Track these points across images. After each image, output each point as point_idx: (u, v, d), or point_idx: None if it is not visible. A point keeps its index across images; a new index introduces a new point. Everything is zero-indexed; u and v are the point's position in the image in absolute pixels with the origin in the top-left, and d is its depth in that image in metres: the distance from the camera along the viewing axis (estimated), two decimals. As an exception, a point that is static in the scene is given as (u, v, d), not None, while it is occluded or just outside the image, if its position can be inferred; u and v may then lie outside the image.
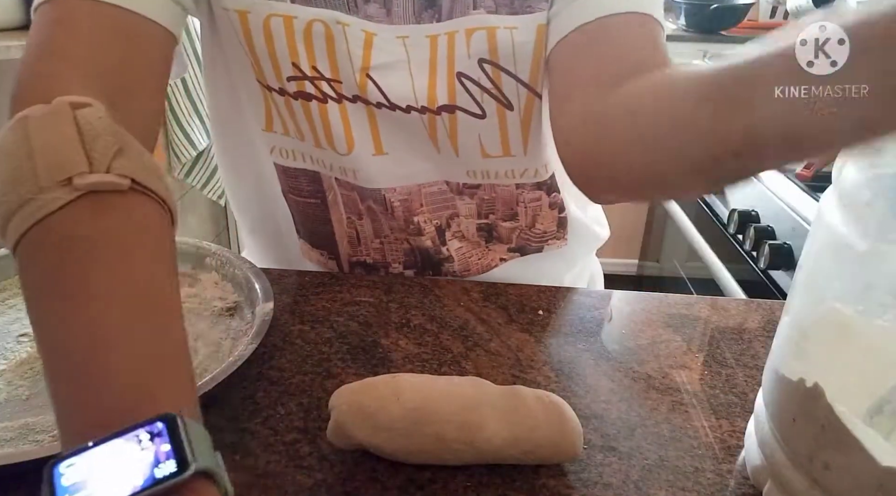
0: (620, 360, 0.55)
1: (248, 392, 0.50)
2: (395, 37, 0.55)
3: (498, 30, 0.54)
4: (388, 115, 0.58)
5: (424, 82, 0.57)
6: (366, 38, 0.54)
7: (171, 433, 0.28)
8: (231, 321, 0.56)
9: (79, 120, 0.36)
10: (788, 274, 1.20)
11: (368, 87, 0.56)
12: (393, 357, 0.54)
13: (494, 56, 0.55)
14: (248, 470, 0.43)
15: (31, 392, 0.48)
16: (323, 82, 0.56)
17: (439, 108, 0.58)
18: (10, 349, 0.52)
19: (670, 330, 0.60)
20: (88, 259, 0.34)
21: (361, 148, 0.60)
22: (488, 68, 0.56)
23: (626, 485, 0.43)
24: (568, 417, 0.43)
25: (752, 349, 0.58)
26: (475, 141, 0.60)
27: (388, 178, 0.62)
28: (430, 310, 0.61)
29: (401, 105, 0.57)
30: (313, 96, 0.57)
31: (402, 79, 0.56)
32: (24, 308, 0.32)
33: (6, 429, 0.43)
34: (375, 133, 0.60)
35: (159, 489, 0.27)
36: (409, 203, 0.64)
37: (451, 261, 0.68)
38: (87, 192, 0.34)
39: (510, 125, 0.59)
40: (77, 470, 0.27)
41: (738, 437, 0.47)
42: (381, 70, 0.56)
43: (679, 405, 0.51)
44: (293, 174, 0.65)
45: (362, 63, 0.55)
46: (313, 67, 0.56)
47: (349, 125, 0.59)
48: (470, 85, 0.57)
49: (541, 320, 0.61)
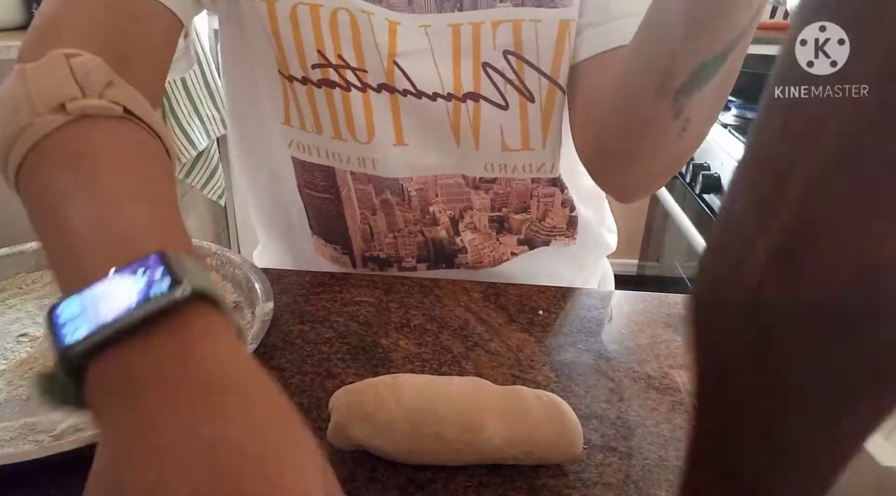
0: (620, 360, 0.55)
1: (248, 392, 0.50)
2: (417, 25, 0.56)
3: (523, 23, 0.56)
4: (412, 105, 0.59)
5: (449, 70, 0.58)
6: (389, 27, 0.56)
7: (167, 263, 0.28)
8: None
9: (71, 63, 0.38)
10: (788, 274, 1.20)
11: (396, 74, 0.58)
12: (393, 357, 0.54)
13: (519, 48, 0.57)
14: (248, 470, 0.43)
15: (31, 392, 0.48)
16: (347, 71, 0.58)
17: (465, 96, 0.59)
18: (10, 349, 0.52)
19: (670, 330, 0.60)
20: (87, 166, 0.34)
21: (382, 137, 0.61)
22: (513, 60, 0.58)
23: (626, 485, 0.43)
24: (568, 417, 0.43)
25: (752, 349, 0.58)
26: (496, 133, 0.61)
27: (406, 168, 0.63)
28: (430, 310, 0.61)
29: (427, 92, 0.59)
30: (337, 84, 0.58)
31: (427, 66, 0.58)
32: (24, 308, 0.33)
33: (6, 429, 0.43)
34: (397, 123, 0.61)
35: (154, 307, 0.26)
36: (426, 193, 0.65)
37: (464, 251, 0.69)
38: (80, 117, 0.36)
39: (531, 117, 0.61)
40: (75, 307, 0.26)
41: (738, 437, 0.47)
42: (407, 57, 0.57)
43: (679, 405, 0.51)
44: (309, 168, 0.65)
45: (388, 50, 0.57)
46: (339, 55, 0.57)
47: (371, 114, 0.60)
48: (495, 75, 0.58)
49: (541, 320, 0.61)
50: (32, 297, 0.59)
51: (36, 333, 0.53)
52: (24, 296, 0.59)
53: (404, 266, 0.70)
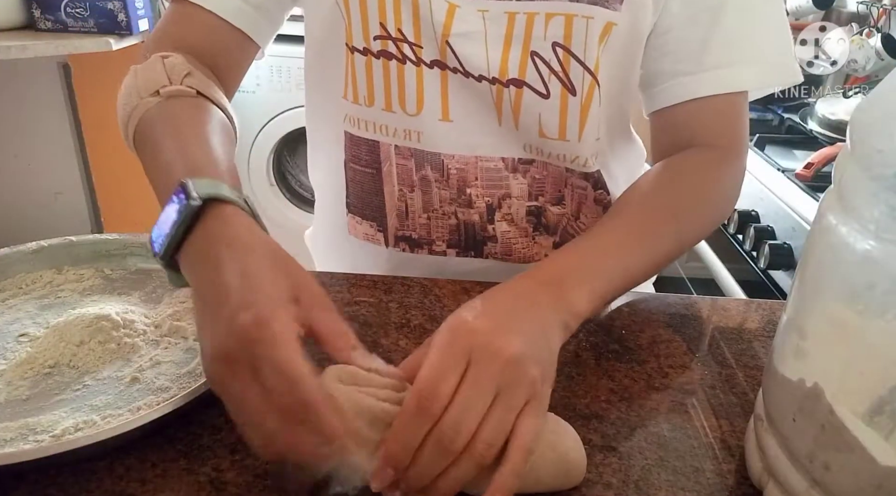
0: (620, 360, 0.55)
1: (248, 392, 0.49)
2: (475, 10, 0.60)
3: (575, 17, 0.59)
4: (460, 82, 0.63)
5: (498, 55, 0.61)
6: (448, 9, 0.60)
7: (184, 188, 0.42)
8: (231, 321, 0.56)
9: (164, 62, 0.56)
10: (788, 274, 1.20)
11: (447, 52, 0.62)
12: (393, 357, 0.54)
13: (568, 42, 0.60)
14: (248, 470, 0.43)
15: (31, 392, 0.48)
16: (405, 45, 0.62)
17: (508, 81, 0.62)
18: (10, 349, 0.52)
19: (670, 330, 0.60)
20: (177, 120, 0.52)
21: (429, 111, 0.65)
22: (560, 52, 0.61)
23: (626, 485, 0.43)
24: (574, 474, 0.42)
25: (752, 349, 0.58)
26: (535, 119, 0.64)
27: (449, 144, 0.66)
28: (430, 310, 0.61)
29: (474, 73, 0.62)
30: (394, 56, 0.63)
31: (477, 49, 0.61)
32: (24, 308, 0.34)
33: (6, 429, 0.43)
34: (445, 99, 0.64)
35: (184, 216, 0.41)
36: (465, 173, 0.68)
37: (494, 241, 0.71)
38: (168, 97, 0.54)
39: (570, 109, 0.63)
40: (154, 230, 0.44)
41: (738, 437, 0.47)
42: (460, 38, 0.61)
43: (679, 405, 0.51)
44: (357, 142, 0.69)
45: (443, 30, 0.61)
46: (398, 29, 0.62)
47: (422, 88, 0.64)
48: (541, 64, 0.61)
49: (541, 320, 0.60)
50: (32, 297, 0.59)
51: (36, 333, 0.53)
52: (24, 296, 0.59)
53: (434, 250, 0.72)
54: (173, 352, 0.52)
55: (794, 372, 0.38)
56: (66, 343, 0.51)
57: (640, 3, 0.60)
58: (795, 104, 1.64)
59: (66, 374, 0.49)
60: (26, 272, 0.61)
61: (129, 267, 0.64)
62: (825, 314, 0.36)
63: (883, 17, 1.57)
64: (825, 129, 1.48)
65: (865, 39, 1.53)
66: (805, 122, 1.54)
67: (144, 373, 0.49)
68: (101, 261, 0.64)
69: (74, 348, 0.51)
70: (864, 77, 1.58)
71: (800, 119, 1.57)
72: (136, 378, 0.49)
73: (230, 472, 0.42)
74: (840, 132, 1.41)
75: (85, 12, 1.59)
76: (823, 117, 1.49)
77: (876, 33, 1.54)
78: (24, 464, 0.39)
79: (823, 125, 1.49)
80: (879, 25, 1.57)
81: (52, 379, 0.49)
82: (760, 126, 1.65)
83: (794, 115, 1.61)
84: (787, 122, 1.62)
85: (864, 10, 1.64)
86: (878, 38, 1.50)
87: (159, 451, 0.44)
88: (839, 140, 1.38)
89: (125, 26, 1.59)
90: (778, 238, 1.23)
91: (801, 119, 1.57)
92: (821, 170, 1.25)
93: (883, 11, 1.57)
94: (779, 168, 1.35)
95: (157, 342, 0.53)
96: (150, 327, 0.55)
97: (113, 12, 1.58)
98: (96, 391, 0.48)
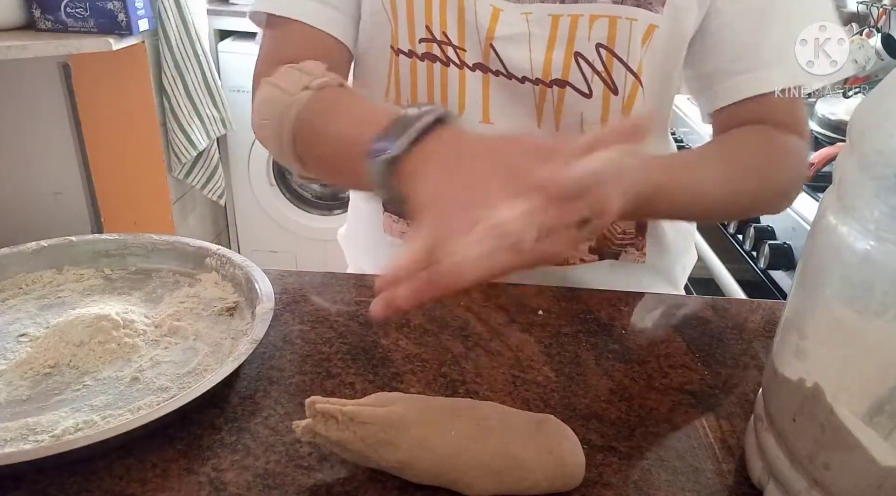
0: (620, 360, 0.55)
1: (248, 392, 0.50)
2: (519, 13, 0.61)
3: (619, 19, 0.60)
4: (502, 85, 0.64)
5: (541, 56, 0.62)
6: (493, 13, 0.61)
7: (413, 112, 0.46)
8: (231, 321, 0.56)
9: (299, 67, 0.58)
10: (788, 274, 1.20)
11: (490, 56, 0.63)
12: (393, 357, 0.54)
13: (611, 43, 0.61)
14: (248, 470, 0.43)
15: (31, 392, 0.48)
16: (449, 48, 0.64)
17: (552, 82, 0.63)
18: (10, 349, 0.52)
19: (670, 330, 0.60)
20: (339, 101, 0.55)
21: (470, 113, 0.66)
22: (603, 53, 0.62)
23: (626, 485, 0.43)
24: (573, 477, 0.42)
25: (752, 349, 0.58)
26: (577, 118, 0.65)
27: None
28: (430, 310, 0.61)
29: (517, 75, 0.63)
30: (438, 58, 0.64)
31: (521, 51, 0.62)
32: (24, 308, 0.34)
33: (6, 429, 0.43)
34: (486, 102, 0.65)
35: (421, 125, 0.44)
36: None
37: None
38: (320, 88, 0.55)
39: (612, 109, 0.64)
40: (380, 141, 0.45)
41: (738, 437, 0.47)
42: (504, 41, 0.62)
43: (679, 405, 0.51)
44: None
45: (487, 33, 0.62)
46: (443, 33, 0.63)
47: (465, 91, 0.65)
48: (584, 65, 0.62)
49: (541, 320, 0.61)
50: (32, 297, 0.59)
51: (36, 333, 0.53)
52: (24, 297, 0.59)
53: None
54: (173, 352, 0.52)
55: (794, 372, 0.38)
56: (66, 343, 0.51)
57: (682, 6, 0.61)
58: (795, 104, 1.64)
59: (66, 374, 0.49)
60: (26, 272, 0.61)
61: (129, 267, 0.64)
62: (825, 314, 0.36)
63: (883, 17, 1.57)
64: (825, 129, 1.47)
65: (865, 39, 1.53)
66: (805, 122, 1.54)
67: (144, 373, 0.49)
68: (101, 261, 0.64)
69: (74, 348, 0.51)
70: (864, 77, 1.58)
71: (800, 119, 1.57)
72: (136, 378, 0.49)
73: (230, 472, 0.42)
74: (840, 132, 1.41)
75: (85, 12, 1.59)
76: (823, 117, 1.49)
77: (876, 33, 1.54)
78: (24, 464, 0.39)
79: (823, 125, 1.49)
80: (879, 25, 1.57)
81: (52, 379, 0.49)
82: (760, 126, 1.64)
83: (794, 115, 1.60)
84: (787, 122, 1.61)
85: (864, 10, 1.64)
86: (878, 38, 1.50)
87: (159, 451, 0.44)
88: (839, 140, 1.38)
89: (125, 26, 1.59)
90: (778, 238, 1.23)
91: (801, 119, 1.57)
92: (821, 170, 1.25)
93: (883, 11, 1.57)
94: (779, 168, 1.35)
95: (157, 342, 0.53)
96: (150, 327, 0.55)
97: (113, 12, 1.58)
98: (96, 391, 0.48)
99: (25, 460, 0.39)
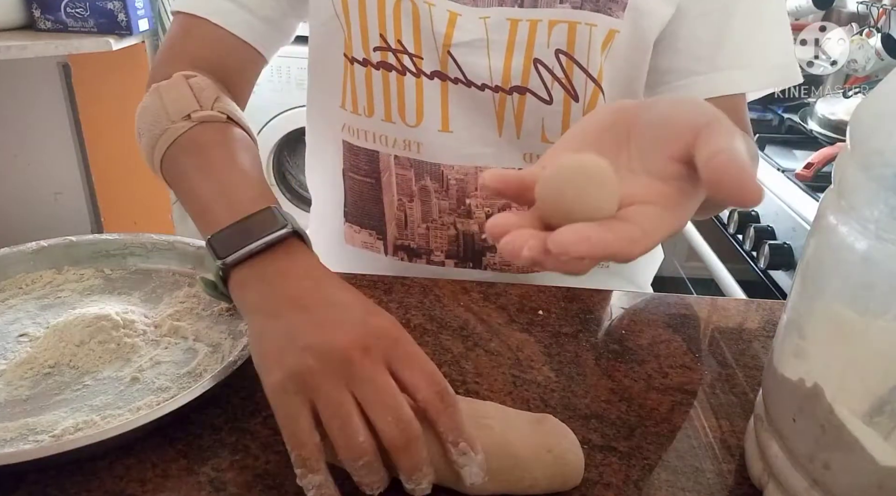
0: (620, 360, 0.55)
1: (248, 392, 0.50)
2: (477, 17, 0.60)
3: (579, 25, 0.59)
4: (461, 92, 0.63)
5: (500, 63, 0.61)
6: (450, 18, 0.60)
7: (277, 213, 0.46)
8: (231, 321, 0.56)
9: (190, 83, 0.56)
10: (788, 274, 1.20)
11: (449, 63, 0.62)
12: (393, 357, 0.54)
13: (571, 49, 0.60)
14: (248, 470, 0.43)
15: (31, 392, 0.48)
16: (405, 56, 0.62)
17: (511, 89, 0.62)
18: (9, 349, 0.52)
19: (670, 330, 0.60)
20: (209, 150, 0.53)
21: (429, 122, 0.65)
22: (563, 59, 0.61)
23: (626, 485, 0.43)
24: (572, 476, 0.41)
25: (752, 349, 0.58)
26: (538, 124, 0.64)
27: (449, 154, 0.66)
28: (430, 310, 0.61)
29: (476, 82, 0.62)
30: (394, 67, 0.63)
31: (479, 58, 0.61)
32: (24, 308, 0.34)
33: (6, 429, 0.43)
34: (445, 110, 0.64)
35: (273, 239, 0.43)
36: (465, 184, 0.67)
37: (493, 251, 0.71)
38: (200, 122, 0.54)
39: (574, 115, 0.63)
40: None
41: (738, 437, 0.47)
42: (462, 48, 0.61)
43: (679, 405, 0.51)
44: (356, 152, 0.69)
45: (445, 40, 0.61)
46: (398, 41, 0.61)
47: (422, 99, 0.64)
48: (544, 72, 0.61)
49: (541, 320, 0.61)
50: (32, 297, 0.59)
51: (36, 333, 0.53)
52: (24, 297, 0.59)
53: (433, 260, 0.72)
54: (173, 352, 0.52)
55: (794, 372, 0.38)
56: (66, 343, 0.51)
57: (645, 10, 0.60)
58: (795, 104, 1.64)
59: (66, 374, 0.49)
60: (26, 272, 0.61)
61: (129, 267, 0.64)
62: (825, 314, 0.36)
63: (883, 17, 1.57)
64: (825, 129, 1.48)
65: (865, 39, 1.53)
66: (805, 122, 1.54)
67: (144, 373, 0.49)
68: (101, 261, 0.64)
69: (74, 348, 0.51)
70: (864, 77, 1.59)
71: (800, 119, 1.57)
72: (136, 378, 0.49)
73: (230, 472, 0.42)
74: (840, 132, 1.41)
75: (85, 12, 1.59)
76: (823, 117, 1.49)
77: (876, 33, 1.54)
78: (24, 464, 0.39)
79: (823, 125, 1.49)
80: (879, 25, 1.57)
81: (52, 379, 0.49)
82: (760, 126, 1.65)
83: (794, 115, 1.61)
84: (787, 122, 1.62)
85: (864, 10, 1.64)
86: (878, 38, 1.50)
87: (159, 451, 0.44)
88: (839, 140, 1.38)
89: (125, 26, 1.60)
90: (778, 238, 1.23)
91: (801, 119, 1.57)
92: (821, 170, 1.25)
93: (883, 11, 1.57)
94: (779, 168, 1.35)
95: (157, 342, 0.53)
96: (150, 327, 0.55)
97: (113, 12, 1.59)
98: (96, 391, 0.48)
99: (25, 460, 0.39)
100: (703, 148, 0.30)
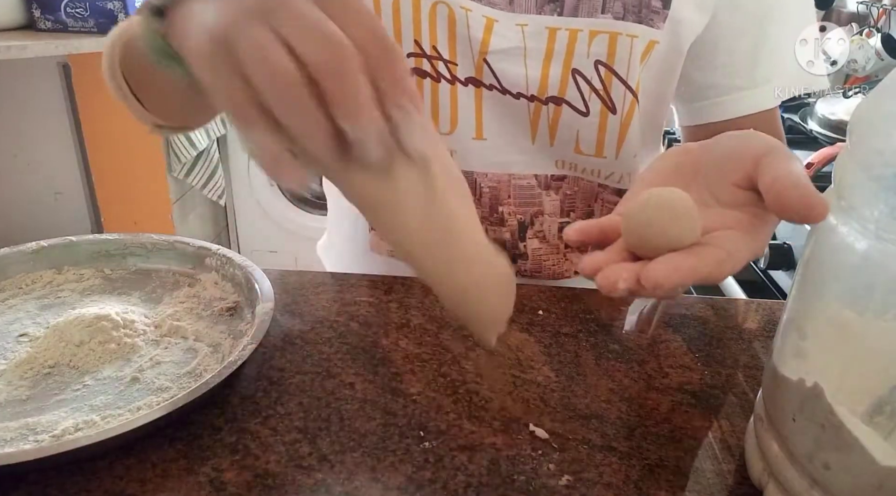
0: (620, 360, 0.55)
1: (248, 392, 0.50)
2: (514, 24, 0.59)
3: (620, 36, 0.58)
4: (495, 99, 0.62)
5: (538, 72, 0.60)
6: (487, 24, 0.59)
7: None
8: (231, 321, 0.56)
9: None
10: (788, 274, 1.20)
11: (484, 70, 0.61)
12: (393, 357, 0.54)
13: (611, 60, 0.59)
14: (248, 470, 0.43)
15: (31, 392, 0.48)
16: (440, 62, 0.61)
17: (547, 99, 0.61)
18: (10, 349, 0.52)
19: (670, 330, 0.60)
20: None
21: (463, 129, 0.64)
22: (602, 70, 0.60)
23: (626, 485, 0.43)
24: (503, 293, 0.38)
25: (752, 349, 0.58)
26: (572, 135, 0.63)
27: (482, 162, 0.66)
28: (430, 310, 0.61)
29: (512, 91, 0.62)
30: (428, 74, 0.61)
31: (516, 66, 0.60)
32: (24, 308, 0.34)
33: (6, 429, 0.43)
34: (479, 118, 0.63)
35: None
36: (498, 191, 0.67)
37: (525, 258, 0.70)
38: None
39: (609, 127, 0.62)
40: None
41: (738, 437, 0.47)
42: (498, 55, 0.60)
43: (679, 405, 0.51)
44: None
45: (481, 47, 0.59)
46: (433, 47, 0.60)
47: (456, 106, 0.63)
48: (582, 82, 0.60)
49: (541, 320, 0.61)
50: (32, 297, 0.59)
51: (36, 333, 0.53)
52: (24, 297, 0.59)
53: None
54: (173, 352, 0.52)
55: (794, 372, 0.38)
56: (66, 343, 0.51)
57: (681, 18, 0.59)
58: (795, 104, 1.64)
59: (66, 374, 0.49)
60: (26, 272, 0.61)
61: (129, 267, 0.64)
62: (825, 314, 0.36)
63: (883, 17, 1.57)
64: (825, 129, 1.48)
65: (865, 39, 1.53)
66: (805, 122, 1.54)
67: (144, 373, 0.49)
68: (101, 261, 0.64)
69: (74, 348, 0.51)
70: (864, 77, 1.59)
71: (800, 119, 1.57)
72: (136, 378, 0.49)
73: (230, 472, 0.42)
74: (840, 132, 1.41)
75: (85, 12, 1.59)
76: (823, 117, 1.49)
77: (876, 33, 1.54)
78: (24, 464, 0.39)
79: (823, 125, 1.49)
80: (879, 25, 1.57)
81: (52, 379, 0.49)
82: (760, 126, 1.65)
83: (794, 115, 1.61)
84: (787, 122, 1.62)
85: (864, 10, 1.64)
86: (878, 38, 1.50)
87: (159, 451, 0.44)
88: (839, 140, 1.39)
89: (125, 26, 1.59)
90: (778, 238, 1.23)
91: (801, 119, 1.57)
92: (821, 170, 1.25)
93: (883, 11, 1.57)
94: (779, 168, 1.34)
95: (157, 342, 0.53)
96: (150, 327, 0.55)
97: (113, 12, 1.58)
98: (96, 391, 0.48)
99: (25, 460, 0.39)
100: (764, 174, 0.33)
